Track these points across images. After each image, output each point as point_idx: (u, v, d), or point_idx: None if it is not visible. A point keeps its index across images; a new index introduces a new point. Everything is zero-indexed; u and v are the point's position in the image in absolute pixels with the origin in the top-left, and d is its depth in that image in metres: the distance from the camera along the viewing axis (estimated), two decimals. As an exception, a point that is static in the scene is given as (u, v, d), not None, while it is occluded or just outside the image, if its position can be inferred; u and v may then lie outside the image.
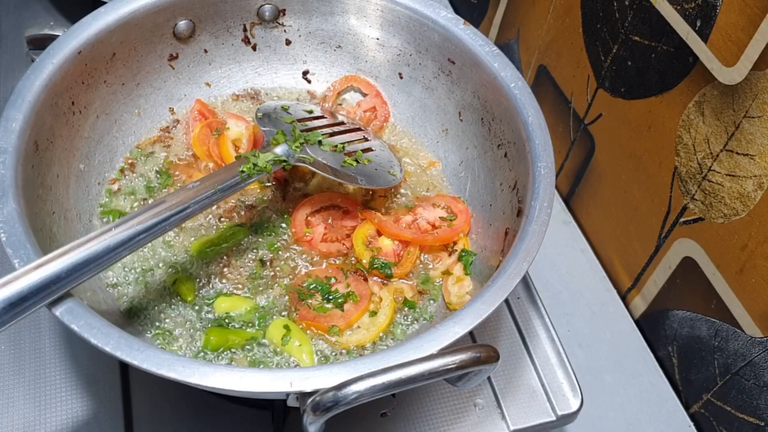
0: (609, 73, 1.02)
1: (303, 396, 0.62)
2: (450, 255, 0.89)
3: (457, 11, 1.40)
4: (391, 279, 0.87)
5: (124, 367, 0.85)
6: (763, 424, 0.85)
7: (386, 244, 0.89)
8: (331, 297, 0.84)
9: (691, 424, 0.96)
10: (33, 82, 0.79)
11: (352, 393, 0.60)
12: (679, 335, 0.97)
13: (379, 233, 0.90)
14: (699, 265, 0.91)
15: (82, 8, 0.93)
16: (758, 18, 0.76)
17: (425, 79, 0.98)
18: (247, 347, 0.80)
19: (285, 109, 0.94)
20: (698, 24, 0.84)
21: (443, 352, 0.64)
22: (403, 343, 0.67)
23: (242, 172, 0.80)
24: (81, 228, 0.85)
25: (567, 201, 1.18)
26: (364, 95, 1.03)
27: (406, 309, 0.85)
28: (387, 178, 0.93)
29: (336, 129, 0.95)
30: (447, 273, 0.88)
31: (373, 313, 0.83)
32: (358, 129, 0.98)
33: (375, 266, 0.87)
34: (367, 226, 0.90)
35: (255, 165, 0.82)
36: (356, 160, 0.91)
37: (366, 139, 0.97)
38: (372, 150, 0.95)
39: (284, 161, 0.85)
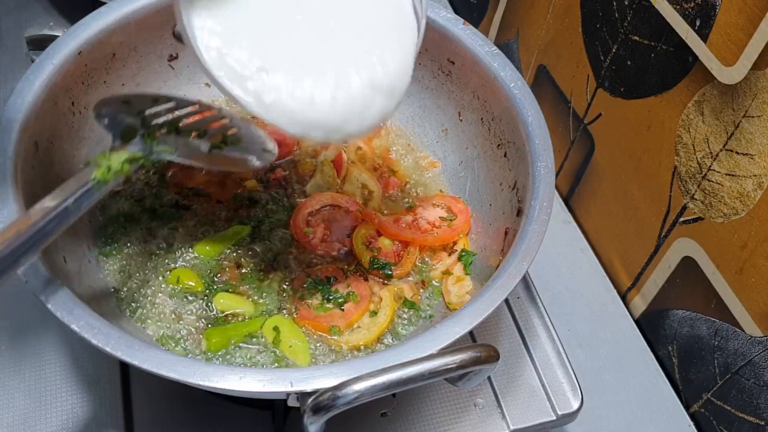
0: (608, 72, 1.02)
1: (303, 396, 0.62)
2: (450, 255, 0.89)
3: (456, 11, 1.40)
4: (391, 279, 0.87)
5: (124, 367, 0.85)
6: (763, 423, 0.85)
7: (386, 244, 0.89)
8: (331, 297, 0.84)
9: (691, 423, 0.96)
10: (33, 82, 0.79)
11: (353, 393, 0.60)
12: (679, 335, 0.97)
13: (379, 233, 0.90)
14: (699, 264, 0.91)
15: (82, 8, 0.93)
16: (758, 18, 0.76)
17: (425, 79, 0.98)
18: (245, 344, 0.80)
19: (126, 101, 0.80)
20: (698, 24, 0.84)
21: (443, 352, 0.64)
22: (403, 343, 0.67)
23: (96, 179, 0.69)
24: (80, 228, 0.85)
25: (567, 201, 1.18)
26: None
27: (406, 309, 0.85)
28: (264, 156, 0.84)
29: (187, 112, 0.83)
30: (447, 273, 0.88)
31: (374, 313, 0.83)
32: (210, 109, 0.86)
33: (375, 266, 0.87)
34: (367, 226, 0.90)
35: (109, 168, 0.70)
36: (224, 142, 0.82)
37: (224, 117, 0.86)
38: (236, 129, 0.85)
39: (142, 158, 0.74)
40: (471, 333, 0.71)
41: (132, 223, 0.88)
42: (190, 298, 0.83)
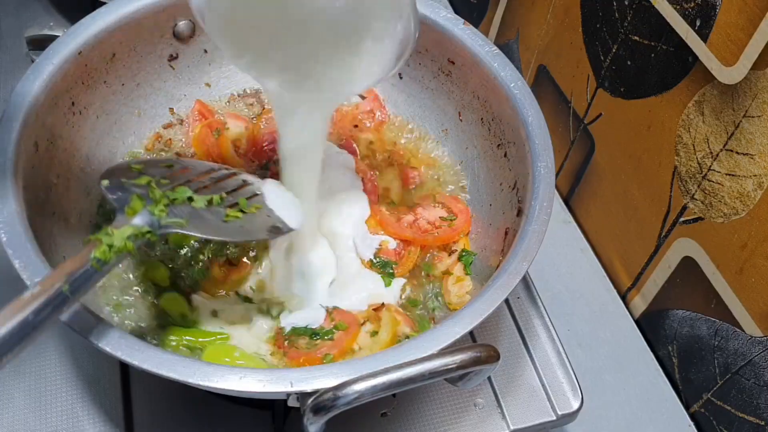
0: (609, 72, 1.02)
1: (303, 396, 0.62)
2: (450, 255, 0.89)
3: (456, 11, 1.40)
4: (393, 278, 0.87)
5: (124, 367, 0.85)
6: (763, 423, 0.85)
7: (387, 243, 0.89)
8: (317, 335, 0.81)
9: (691, 423, 0.96)
10: (33, 82, 0.79)
11: (353, 393, 0.60)
12: (679, 335, 0.97)
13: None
14: (699, 264, 0.91)
15: (82, 8, 0.93)
16: (758, 18, 0.76)
17: (425, 79, 0.98)
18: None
19: (136, 169, 0.74)
20: (698, 24, 0.84)
21: (443, 352, 0.64)
22: (403, 343, 0.67)
23: (95, 258, 0.62)
24: (81, 229, 0.85)
25: (567, 201, 1.18)
26: (363, 98, 1.03)
27: (410, 307, 0.85)
28: (288, 222, 0.77)
29: (206, 181, 0.77)
30: (447, 273, 0.88)
31: (374, 333, 0.82)
32: (233, 174, 0.80)
33: (376, 265, 0.87)
34: (370, 221, 0.90)
35: (111, 246, 0.64)
36: (241, 210, 0.74)
37: (246, 183, 0.79)
38: (258, 194, 0.78)
39: (148, 233, 0.67)
40: (471, 333, 0.71)
41: None
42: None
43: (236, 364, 0.76)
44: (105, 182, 0.70)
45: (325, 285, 0.84)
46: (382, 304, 0.84)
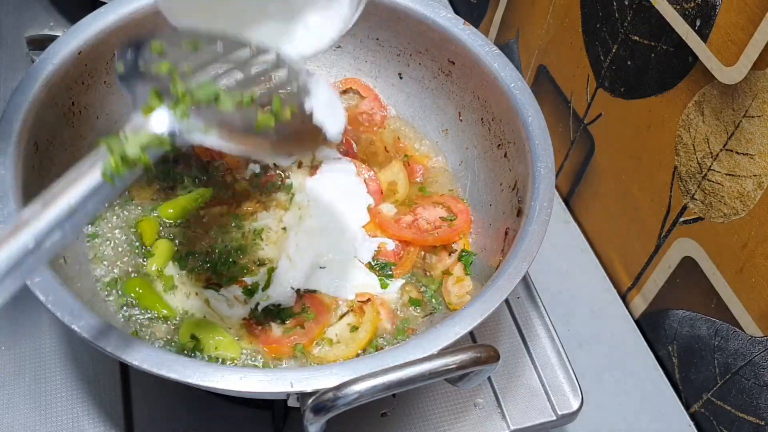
0: (609, 72, 1.02)
1: (303, 396, 0.62)
2: (450, 255, 0.89)
3: (456, 11, 1.40)
4: (392, 279, 0.87)
5: (124, 367, 0.85)
6: (763, 423, 0.85)
7: (385, 245, 0.89)
8: (288, 316, 0.81)
9: (691, 423, 0.96)
10: (33, 82, 0.79)
11: (353, 393, 0.60)
12: (679, 335, 0.97)
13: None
14: (699, 264, 0.91)
15: (82, 8, 0.93)
16: (758, 17, 0.76)
17: (425, 80, 0.98)
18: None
19: (156, 50, 0.60)
20: (698, 24, 0.84)
21: (443, 353, 0.64)
22: (403, 343, 0.67)
23: (106, 174, 0.53)
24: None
25: (567, 201, 1.18)
26: (363, 98, 1.03)
27: (412, 306, 0.85)
28: (329, 130, 0.62)
29: (237, 65, 0.63)
30: (447, 273, 0.88)
31: (354, 329, 0.82)
32: (267, 51, 0.65)
33: (374, 267, 0.87)
34: (369, 225, 0.90)
35: (123, 158, 0.53)
36: (275, 114, 0.60)
37: (290, 81, 0.64)
38: (294, 92, 0.63)
39: (168, 140, 0.55)
40: (471, 333, 0.71)
41: None
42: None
43: (216, 339, 0.78)
44: (120, 67, 0.58)
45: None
46: (369, 299, 0.84)
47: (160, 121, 0.55)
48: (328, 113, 0.63)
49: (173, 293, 0.82)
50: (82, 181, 0.53)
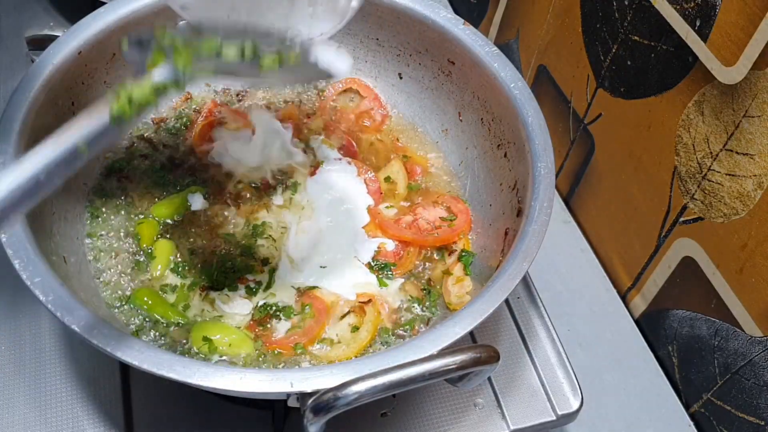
0: (608, 72, 1.02)
1: (303, 396, 0.62)
2: (450, 255, 0.89)
3: (456, 11, 1.40)
4: (392, 279, 0.87)
5: (124, 367, 0.85)
6: (763, 423, 0.85)
7: (385, 245, 0.89)
8: (288, 314, 0.82)
9: (691, 423, 0.96)
10: (33, 82, 0.79)
11: (353, 393, 0.61)
12: (679, 335, 0.97)
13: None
14: (699, 264, 0.91)
15: (82, 8, 0.93)
16: (758, 17, 0.76)
17: (425, 80, 0.98)
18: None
19: (160, 33, 0.63)
20: (698, 24, 0.84)
21: (443, 353, 0.64)
22: (403, 343, 0.67)
23: (114, 116, 0.56)
24: (81, 228, 0.85)
25: (567, 201, 1.18)
26: (363, 98, 1.03)
27: (415, 305, 0.85)
28: (337, 70, 0.66)
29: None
30: (447, 273, 0.88)
31: (355, 329, 0.82)
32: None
33: (374, 268, 0.87)
34: (369, 226, 0.90)
35: (130, 100, 0.57)
36: (279, 59, 0.62)
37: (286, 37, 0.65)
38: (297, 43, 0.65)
39: (174, 85, 0.59)
40: (471, 333, 0.71)
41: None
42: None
43: (230, 338, 0.79)
44: (124, 46, 0.61)
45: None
46: (370, 300, 0.84)
47: (164, 70, 0.59)
48: (333, 58, 0.65)
49: (179, 298, 0.82)
50: (91, 122, 0.56)
